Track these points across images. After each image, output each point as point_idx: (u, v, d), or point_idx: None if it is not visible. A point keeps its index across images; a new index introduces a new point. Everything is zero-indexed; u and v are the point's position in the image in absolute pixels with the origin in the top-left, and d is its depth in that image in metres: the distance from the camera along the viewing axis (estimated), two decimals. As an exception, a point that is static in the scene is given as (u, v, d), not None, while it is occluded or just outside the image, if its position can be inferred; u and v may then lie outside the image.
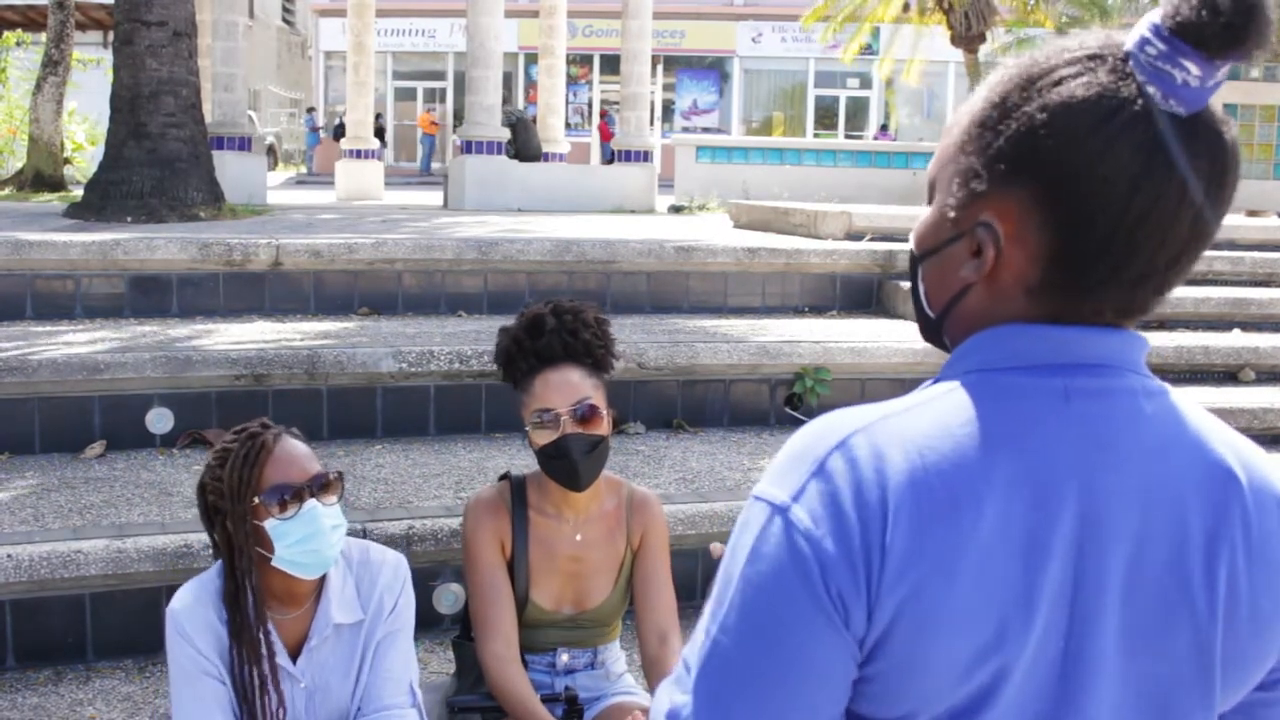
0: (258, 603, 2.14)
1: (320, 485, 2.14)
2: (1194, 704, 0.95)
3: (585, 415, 2.35)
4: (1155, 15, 0.90)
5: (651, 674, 2.46)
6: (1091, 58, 0.93)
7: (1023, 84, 0.95)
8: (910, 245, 1.07)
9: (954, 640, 0.89)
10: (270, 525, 2.10)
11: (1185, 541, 0.93)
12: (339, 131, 21.44)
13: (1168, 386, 0.99)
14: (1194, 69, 0.89)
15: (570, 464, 2.34)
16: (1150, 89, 0.90)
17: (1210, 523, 0.93)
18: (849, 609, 0.89)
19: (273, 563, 2.13)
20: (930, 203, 1.04)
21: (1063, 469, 0.91)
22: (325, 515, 2.12)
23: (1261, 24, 0.88)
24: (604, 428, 2.38)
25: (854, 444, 0.92)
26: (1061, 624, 0.91)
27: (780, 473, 0.94)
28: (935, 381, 0.99)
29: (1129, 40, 0.92)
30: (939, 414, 0.93)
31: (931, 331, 1.06)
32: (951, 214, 0.99)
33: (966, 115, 0.99)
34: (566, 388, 2.35)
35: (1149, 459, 0.93)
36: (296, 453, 2.15)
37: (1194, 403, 1.00)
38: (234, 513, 2.11)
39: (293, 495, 2.11)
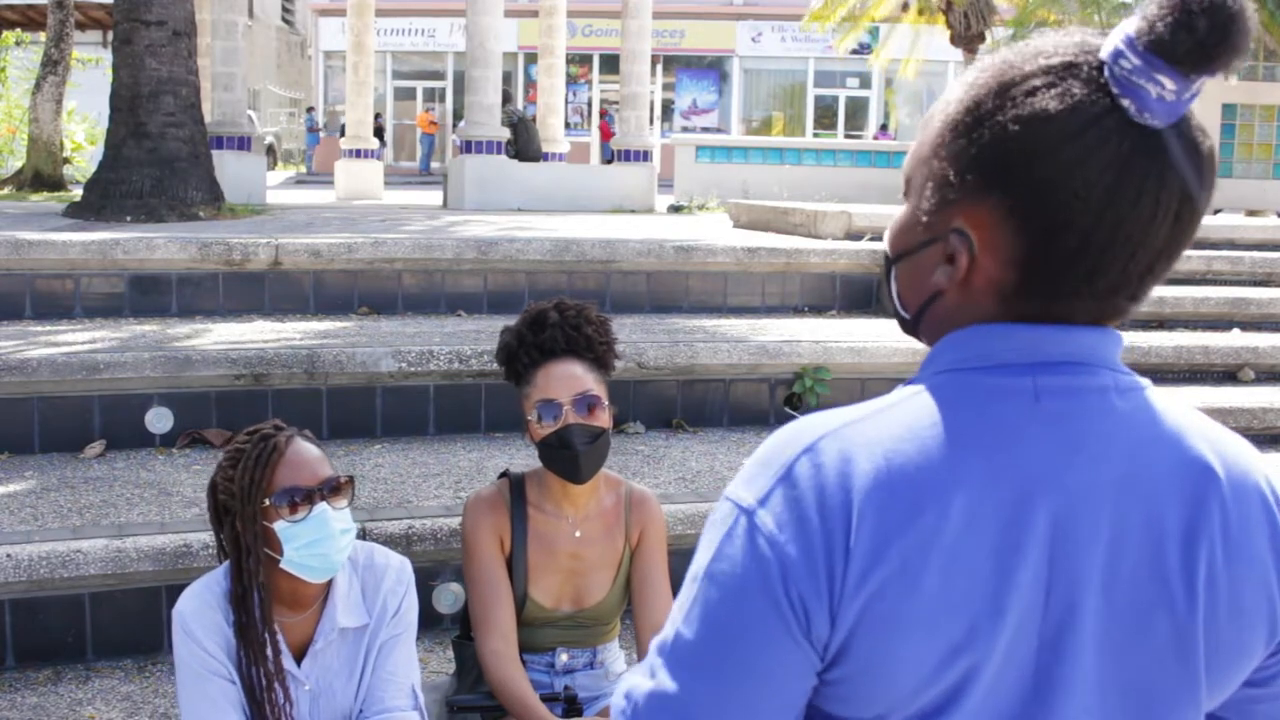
0: (264, 604, 2.14)
1: (331, 489, 2.15)
2: (1179, 700, 0.95)
3: (587, 406, 2.36)
4: (1130, 27, 0.90)
5: (650, 674, 2.46)
6: (1066, 66, 0.92)
7: (997, 90, 0.94)
8: (884, 246, 1.07)
9: (921, 641, 0.89)
10: (280, 527, 2.10)
11: (1162, 538, 0.93)
12: (345, 130, 21.44)
13: (1145, 382, 0.99)
14: (1169, 84, 0.88)
15: (572, 455, 2.35)
16: (1125, 102, 0.90)
17: (1187, 518, 0.93)
18: (810, 613, 0.89)
19: (281, 565, 2.13)
20: (905, 198, 1.05)
21: (1033, 469, 0.91)
22: (335, 519, 2.13)
23: (1236, 41, 0.87)
24: (605, 421, 2.39)
25: (821, 448, 0.93)
26: (1035, 624, 0.91)
27: (750, 475, 0.95)
28: (909, 384, 0.99)
29: (1104, 48, 0.92)
30: (906, 416, 0.94)
31: (909, 327, 1.07)
32: (924, 218, 0.99)
33: (941, 116, 0.99)
34: (569, 380, 2.37)
35: (1122, 456, 0.93)
36: (308, 455, 2.16)
37: (1172, 398, 1.00)
38: (244, 513, 2.11)
39: (303, 498, 2.11)
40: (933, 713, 0.91)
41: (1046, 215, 0.91)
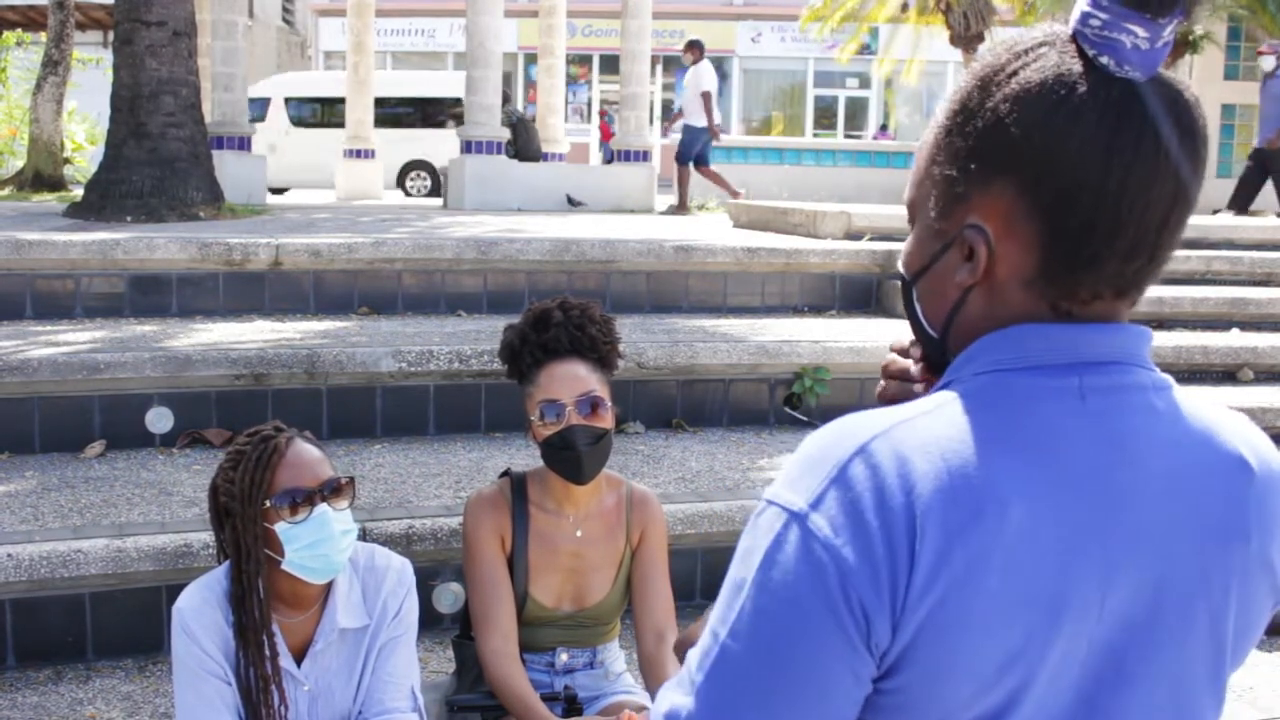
0: (264, 605, 2.14)
1: (332, 490, 2.15)
2: (1205, 689, 0.96)
3: (591, 406, 2.36)
4: None
5: (648, 673, 2.47)
6: (1040, 45, 0.95)
7: (979, 85, 0.96)
8: (901, 271, 1.06)
9: (981, 647, 0.87)
10: (281, 529, 2.11)
11: (1204, 532, 0.94)
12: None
13: (1171, 379, 1.00)
14: (1140, 31, 0.90)
15: (575, 455, 2.35)
16: (1103, 59, 0.92)
17: (1224, 511, 0.95)
18: (870, 620, 0.87)
19: (282, 566, 2.13)
20: (912, 225, 1.05)
21: (1085, 469, 0.91)
22: (335, 520, 2.13)
23: None
24: (608, 421, 2.39)
25: (875, 449, 0.90)
26: (1088, 626, 0.90)
27: (796, 477, 0.92)
28: (944, 384, 0.98)
29: (1071, 22, 0.94)
30: (957, 418, 0.92)
31: (938, 354, 1.04)
32: (936, 225, 1.00)
33: (932, 131, 1.01)
34: (572, 380, 2.37)
35: (1165, 453, 0.94)
36: (309, 456, 2.16)
37: (1199, 396, 1.01)
38: (244, 515, 2.11)
39: (304, 499, 2.12)
40: (987, 719, 0.90)
41: (1055, 183, 0.92)
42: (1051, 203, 0.92)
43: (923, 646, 0.87)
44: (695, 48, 12.01)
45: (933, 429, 0.91)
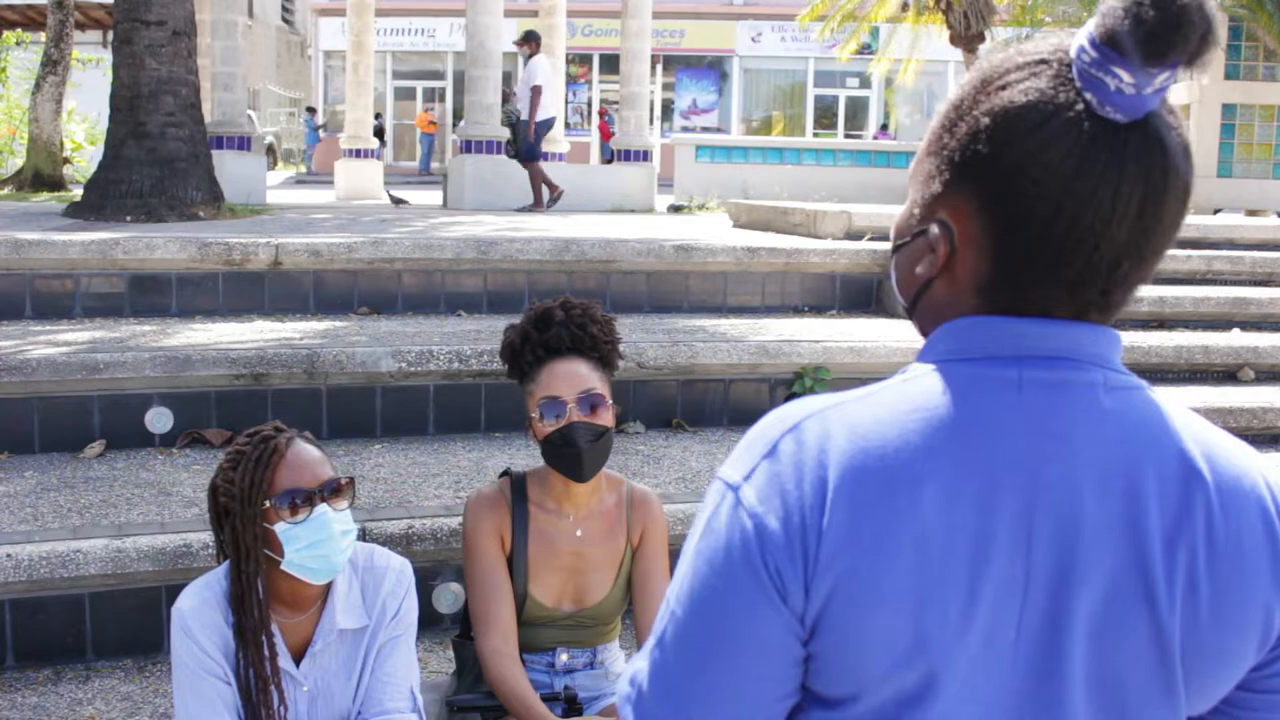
0: (263, 605, 2.14)
1: (332, 490, 2.15)
2: (1155, 697, 0.95)
3: (591, 405, 2.36)
4: (1091, 22, 0.92)
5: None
6: (1039, 63, 0.95)
7: (978, 87, 0.98)
8: (891, 235, 1.11)
9: (890, 622, 0.91)
10: (281, 529, 2.11)
11: (1144, 536, 0.93)
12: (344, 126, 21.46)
13: (1142, 383, 1.00)
14: (1127, 77, 0.90)
15: (575, 452, 2.35)
16: (1088, 95, 0.92)
17: (1170, 518, 0.94)
18: (786, 584, 0.93)
19: (282, 566, 2.13)
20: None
21: (1011, 458, 0.93)
22: (335, 520, 2.13)
23: (1188, 33, 0.87)
24: (609, 419, 2.40)
25: (804, 427, 0.97)
26: (1013, 615, 0.92)
27: (738, 455, 1.00)
28: (900, 372, 1.02)
29: (1073, 45, 0.94)
30: (890, 401, 0.96)
31: (908, 314, 1.10)
32: (916, 210, 1.03)
33: (938, 116, 1.03)
34: (573, 378, 2.37)
35: (1104, 451, 0.94)
36: (309, 457, 2.16)
37: (1173, 402, 1.00)
38: (244, 515, 2.11)
39: (304, 499, 2.12)
40: (910, 699, 0.92)
41: (1011, 205, 0.94)
42: (1005, 220, 0.95)
43: (835, 614, 0.92)
44: (531, 40, 11.75)
45: (864, 411, 0.96)
